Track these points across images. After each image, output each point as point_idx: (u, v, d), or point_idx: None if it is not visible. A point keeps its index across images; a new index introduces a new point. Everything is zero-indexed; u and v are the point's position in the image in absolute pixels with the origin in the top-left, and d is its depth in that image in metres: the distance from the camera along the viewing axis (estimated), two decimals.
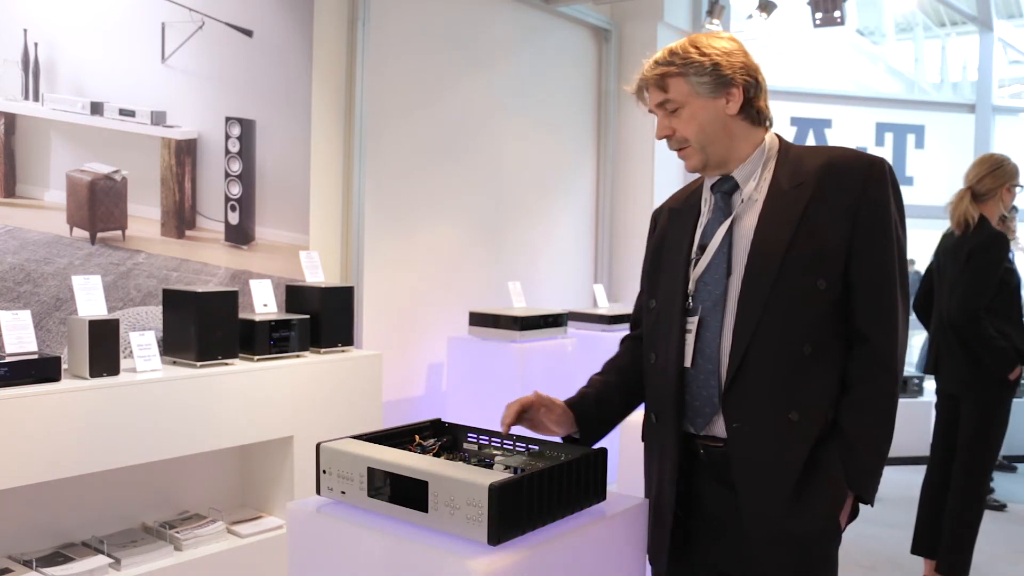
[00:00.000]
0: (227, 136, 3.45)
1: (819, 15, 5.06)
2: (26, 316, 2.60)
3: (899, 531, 4.15)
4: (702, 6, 5.81)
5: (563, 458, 1.58)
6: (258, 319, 3.09)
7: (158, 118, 3.22)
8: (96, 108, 3.04)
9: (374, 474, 1.52)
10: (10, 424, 2.38)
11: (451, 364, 4.36)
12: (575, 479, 1.54)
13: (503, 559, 1.36)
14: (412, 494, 1.46)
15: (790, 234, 1.59)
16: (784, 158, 1.69)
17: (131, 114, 3.14)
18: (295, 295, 3.41)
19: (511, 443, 1.74)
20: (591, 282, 5.69)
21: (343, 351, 3.38)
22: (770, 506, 1.59)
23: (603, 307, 5.17)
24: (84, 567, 2.61)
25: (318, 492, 1.62)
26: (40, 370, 2.52)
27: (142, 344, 2.80)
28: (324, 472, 1.60)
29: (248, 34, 3.50)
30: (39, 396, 2.45)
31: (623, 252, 5.81)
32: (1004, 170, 3.51)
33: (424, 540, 1.42)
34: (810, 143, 6.02)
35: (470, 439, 1.80)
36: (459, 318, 4.52)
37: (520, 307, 4.55)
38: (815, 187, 1.61)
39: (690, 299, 1.69)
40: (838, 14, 5.04)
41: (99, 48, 3.04)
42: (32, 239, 2.90)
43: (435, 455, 1.68)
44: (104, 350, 2.64)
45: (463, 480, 1.40)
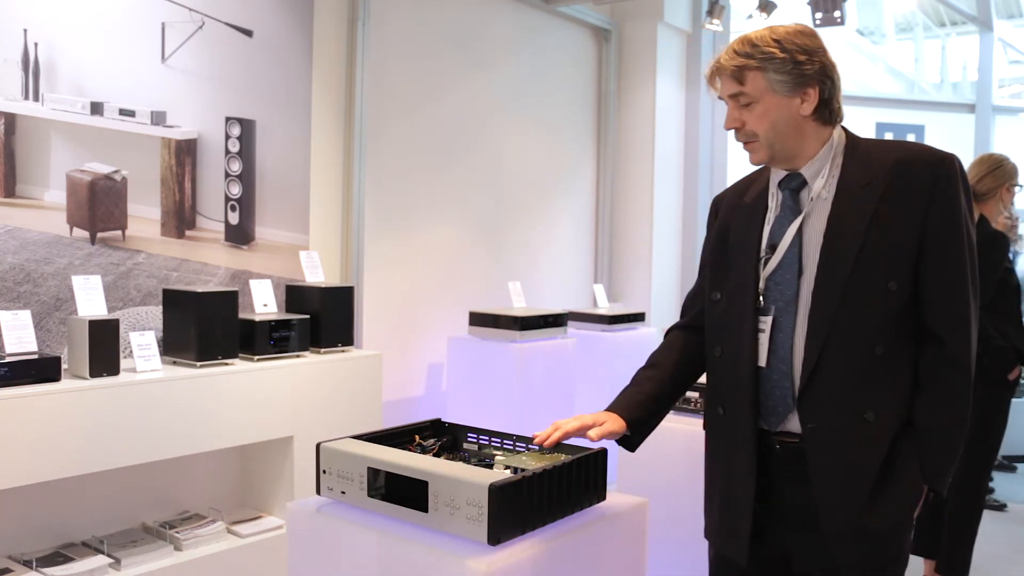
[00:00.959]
0: (227, 136, 3.45)
1: (819, 15, 5.06)
2: (26, 316, 2.60)
3: None
4: (702, 6, 5.81)
5: (563, 458, 1.58)
6: (258, 319, 3.09)
7: (158, 118, 3.22)
8: (96, 108, 3.04)
9: (374, 474, 1.52)
10: (10, 424, 2.38)
11: (451, 364, 4.36)
12: (575, 479, 1.55)
13: (503, 559, 1.36)
14: (412, 494, 1.46)
15: (862, 235, 1.58)
16: (852, 153, 1.67)
17: (131, 114, 3.14)
18: (295, 295, 3.41)
19: (511, 443, 1.74)
20: (591, 282, 5.69)
21: (343, 351, 3.38)
22: (848, 503, 1.60)
23: (603, 307, 5.16)
24: (84, 567, 2.61)
25: (318, 492, 1.62)
26: (40, 370, 2.51)
27: (142, 344, 2.80)
28: (324, 472, 1.60)
29: (248, 34, 3.50)
30: (39, 396, 2.45)
31: (623, 252, 5.81)
32: (1004, 170, 3.51)
33: (424, 540, 1.42)
34: None
35: (470, 439, 1.80)
36: (459, 318, 4.51)
37: (520, 307, 4.55)
38: (885, 186, 1.60)
39: (761, 298, 1.68)
40: (838, 14, 5.04)
41: (99, 48, 3.04)
42: (32, 239, 2.90)
43: (435, 455, 1.68)
44: (104, 350, 2.64)
45: (463, 480, 1.40)
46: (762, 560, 1.73)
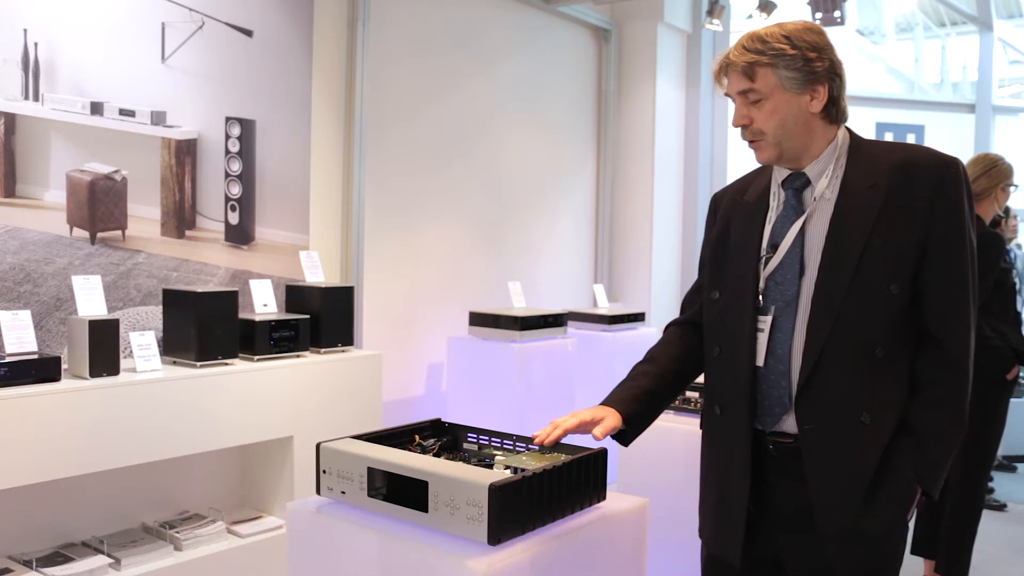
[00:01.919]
0: (227, 136, 3.45)
1: (819, 15, 5.06)
2: (26, 316, 2.60)
3: None
4: (702, 6, 5.81)
5: (563, 458, 1.58)
6: (258, 319, 3.09)
7: (158, 118, 3.22)
8: (96, 108, 3.04)
9: (374, 474, 1.52)
10: (10, 424, 2.38)
11: (451, 364, 4.36)
12: (575, 479, 1.55)
13: (503, 559, 1.36)
14: (412, 494, 1.46)
15: (865, 237, 1.58)
16: (856, 154, 1.66)
17: (131, 114, 3.14)
18: (295, 295, 3.41)
19: (511, 443, 1.74)
20: (591, 282, 5.69)
21: (343, 351, 3.38)
22: (843, 505, 1.60)
23: (603, 307, 5.17)
24: (84, 567, 2.61)
25: (318, 492, 1.62)
26: (40, 370, 2.51)
27: (142, 344, 2.80)
28: (324, 472, 1.60)
29: (248, 34, 3.50)
30: (39, 396, 2.45)
31: (623, 252, 5.81)
32: (998, 170, 3.51)
33: (424, 540, 1.42)
34: None
35: (470, 439, 1.80)
36: (459, 318, 4.52)
37: (520, 307, 4.55)
38: (888, 188, 1.59)
39: (760, 297, 1.67)
40: (838, 14, 5.04)
41: (99, 48, 3.04)
42: (32, 239, 2.90)
43: (435, 455, 1.68)
44: (104, 350, 2.64)
45: (463, 480, 1.40)
46: (755, 561, 1.72)
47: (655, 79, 5.67)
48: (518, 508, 1.40)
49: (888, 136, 7.14)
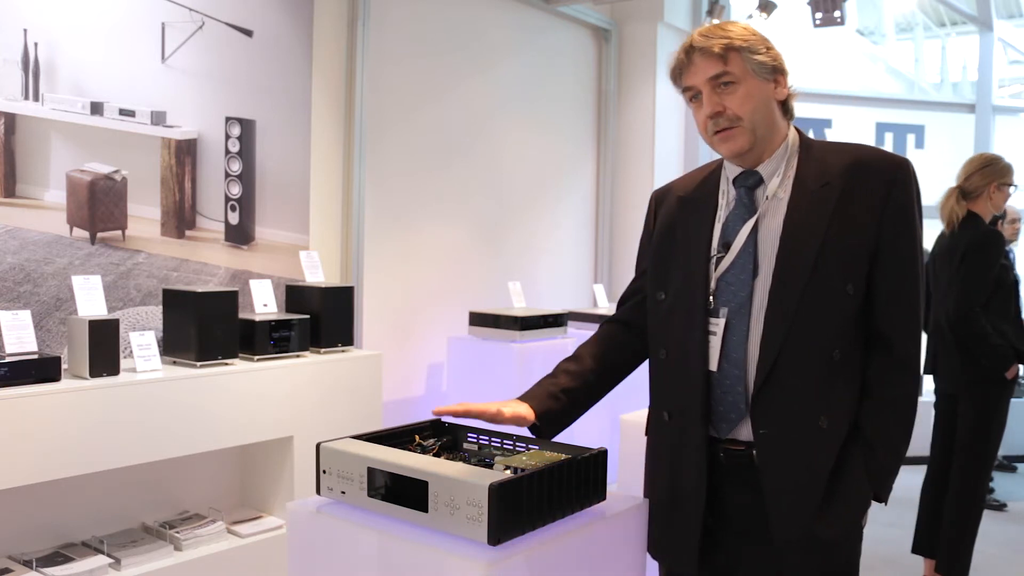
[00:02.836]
0: (227, 136, 3.46)
1: (819, 15, 5.07)
2: (26, 316, 2.60)
3: (899, 531, 4.15)
4: (702, 6, 5.82)
5: (563, 458, 1.58)
6: (258, 319, 3.09)
7: (158, 118, 3.22)
8: (96, 108, 3.04)
9: (374, 474, 1.52)
10: (10, 424, 2.38)
11: (451, 364, 4.36)
12: (575, 479, 1.54)
13: (503, 559, 1.36)
14: (412, 494, 1.46)
15: (820, 237, 1.54)
16: (807, 155, 1.63)
17: (131, 114, 3.14)
18: (295, 295, 3.41)
19: (511, 443, 1.74)
20: (591, 282, 5.69)
21: (343, 351, 3.38)
22: (799, 512, 1.56)
23: (603, 307, 5.16)
24: (84, 567, 2.61)
25: (318, 492, 1.62)
26: (40, 370, 2.52)
27: (142, 344, 2.80)
28: (324, 472, 1.60)
29: (248, 34, 3.50)
30: (39, 396, 2.45)
31: (623, 252, 5.81)
32: (993, 168, 3.51)
33: (424, 540, 1.42)
34: None
35: (470, 439, 1.80)
36: (459, 318, 4.52)
37: (520, 307, 4.55)
38: (842, 188, 1.57)
39: (711, 298, 1.63)
40: (838, 14, 5.04)
41: (99, 48, 3.04)
42: (32, 239, 2.90)
43: (435, 455, 1.68)
44: (104, 350, 2.64)
45: (463, 480, 1.39)
46: (711, 573, 1.67)
47: (655, 79, 5.67)
48: (518, 508, 1.40)
49: (888, 136, 7.13)
